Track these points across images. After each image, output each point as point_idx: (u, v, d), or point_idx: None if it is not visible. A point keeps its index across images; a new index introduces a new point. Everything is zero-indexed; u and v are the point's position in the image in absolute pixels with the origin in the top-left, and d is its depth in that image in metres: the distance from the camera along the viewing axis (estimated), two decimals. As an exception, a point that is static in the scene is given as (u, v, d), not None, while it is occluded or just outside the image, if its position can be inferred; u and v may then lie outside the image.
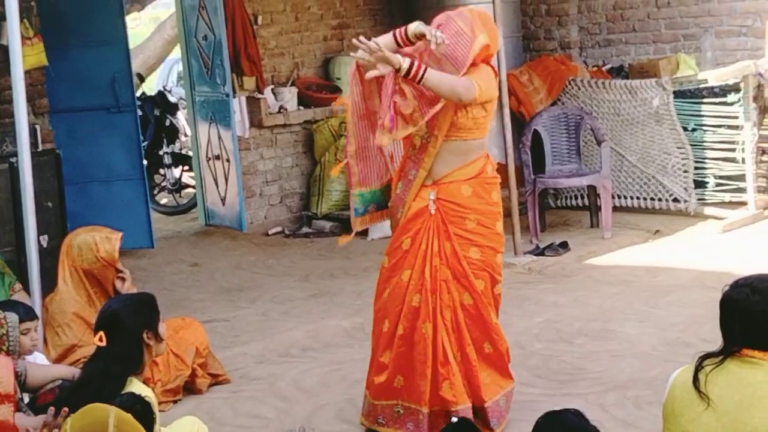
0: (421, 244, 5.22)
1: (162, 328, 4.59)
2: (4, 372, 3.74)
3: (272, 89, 10.24)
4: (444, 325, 5.21)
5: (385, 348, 5.29)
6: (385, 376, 5.29)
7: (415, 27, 5.11)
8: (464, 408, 5.17)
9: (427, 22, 5.20)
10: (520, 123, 9.79)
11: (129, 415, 3.41)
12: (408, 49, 5.14)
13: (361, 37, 5.08)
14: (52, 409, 3.73)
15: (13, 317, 4.79)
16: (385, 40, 5.13)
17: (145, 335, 4.49)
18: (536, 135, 9.52)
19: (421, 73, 4.95)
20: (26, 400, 4.91)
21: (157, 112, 11.85)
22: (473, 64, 5.13)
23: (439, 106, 5.05)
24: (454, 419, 3.58)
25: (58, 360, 5.85)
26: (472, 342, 5.26)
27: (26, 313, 5.28)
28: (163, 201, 11.84)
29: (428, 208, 5.23)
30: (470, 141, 5.23)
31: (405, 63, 4.95)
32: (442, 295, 5.21)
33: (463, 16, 5.13)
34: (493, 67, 5.28)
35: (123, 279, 6.02)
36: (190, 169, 11.11)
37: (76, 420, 3.31)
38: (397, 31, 5.19)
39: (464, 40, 5.06)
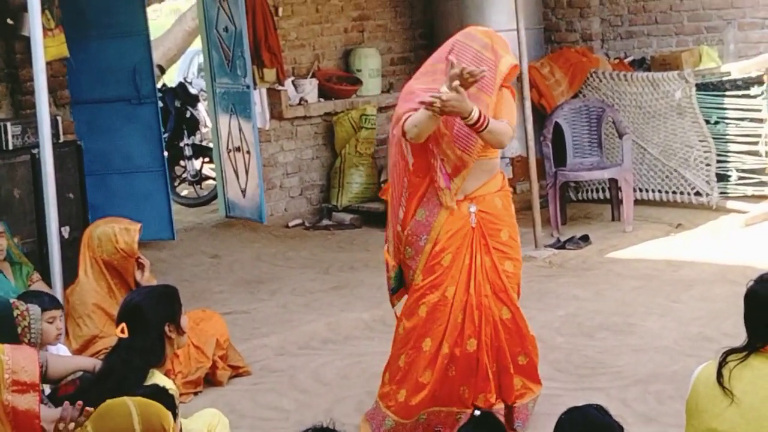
0: (464, 260, 5.15)
1: (184, 321, 4.59)
2: (29, 361, 3.72)
3: (293, 81, 10.22)
4: (485, 342, 5.18)
5: (426, 368, 5.19)
6: (423, 395, 5.20)
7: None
8: (497, 409, 5.17)
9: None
10: (541, 115, 9.75)
11: (148, 401, 3.33)
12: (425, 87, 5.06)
13: (431, 96, 4.92)
14: (67, 403, 3.71)
15: (35, 309, 4.79)
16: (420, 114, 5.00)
17: (167, 328, 4.49)
18: (557, 127, 9.48)
19: (486, 123, 4.93)
20: (47, 391, 4.92)
21: (177, 104, 11.85)
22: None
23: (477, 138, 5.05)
24: (477, 413, 3.56)
25: (80, 351, 5.87)
26: (510, 356, 5.25)
27: (51, 302, 5.31)
28: (184, 192, 11.86)
29: (469, 221, 5.17)
30: (494, 159, 5.26)
31: (475, 113, 4.88)
32: (484, 311, 5.17)
33: (478, 39, 5.06)
34: (511, 88, 5.24)
35: (142, 266, 6.02)
36: (211, 161, 11.11)
37: (97, 423, 3.23)
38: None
39: (488, 65, 4.98)
